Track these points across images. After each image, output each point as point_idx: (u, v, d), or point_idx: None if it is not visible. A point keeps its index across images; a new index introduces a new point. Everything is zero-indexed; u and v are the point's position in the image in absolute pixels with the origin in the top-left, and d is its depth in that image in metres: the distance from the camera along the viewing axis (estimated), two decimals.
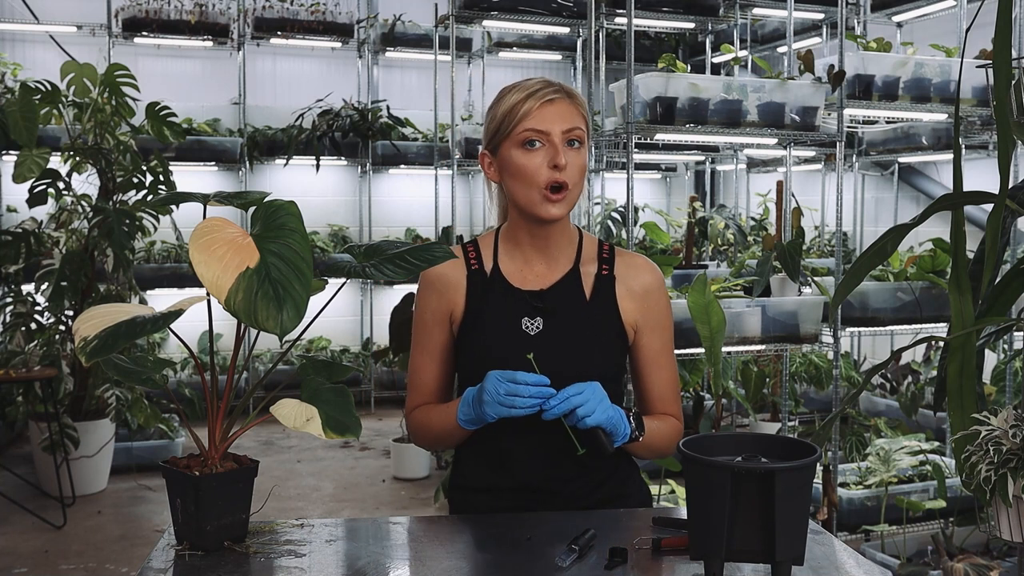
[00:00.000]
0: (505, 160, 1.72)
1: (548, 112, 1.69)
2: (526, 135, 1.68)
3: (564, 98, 1.71)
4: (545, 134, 1.68)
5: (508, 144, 1.71)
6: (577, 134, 1.71)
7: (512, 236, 1.80)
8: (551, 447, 1.72)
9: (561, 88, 1.72)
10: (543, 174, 1.68)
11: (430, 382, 1.82)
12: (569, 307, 1.76)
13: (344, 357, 7.50)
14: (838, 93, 3.89)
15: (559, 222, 1.75)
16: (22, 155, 4.80)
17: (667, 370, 1.84)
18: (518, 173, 1.70)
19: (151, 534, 4.46)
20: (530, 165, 1.69)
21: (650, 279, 1.82)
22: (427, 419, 1.79)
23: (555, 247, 1.78)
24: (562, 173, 1.68)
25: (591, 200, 5.30)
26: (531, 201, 1.70)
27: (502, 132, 1.71)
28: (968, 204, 1.75)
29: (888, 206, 7.00)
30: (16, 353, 4.86)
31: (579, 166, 1.71)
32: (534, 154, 1.69)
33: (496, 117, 1.72)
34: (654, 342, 1.82)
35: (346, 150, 7.33)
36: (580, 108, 1.73)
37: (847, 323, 3.92)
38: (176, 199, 1.61)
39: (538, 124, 1.68)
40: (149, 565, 1.41)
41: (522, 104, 1.69)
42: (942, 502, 3.90)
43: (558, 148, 1.68)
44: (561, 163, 1.67)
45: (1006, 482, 1.51)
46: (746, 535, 1.30)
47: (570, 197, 1.71)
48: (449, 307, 1.79)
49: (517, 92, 1.71)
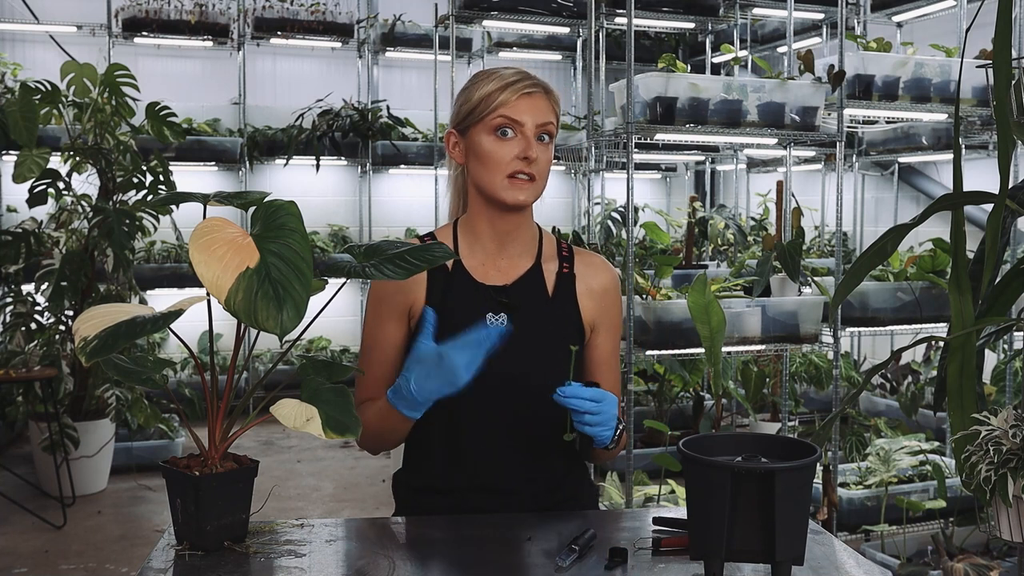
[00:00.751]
0: (474, 144, 1.71)
1: (525, 104, 1.69)
2: (500, 122, 1.69)
3: (541, 93, 1.72)
4: (520, 124, 1.69)
5: (480, 128, 1.70)
6: (549, 129, 1.71)
7: (472, 228, 1.77)
8: (508, 447, 1.70)
9: (539, 83, 1.73)
10: (511, 164, 1.68)
11: (380, 379, 1.75)
12: (532, 303, 1.75)
13: (344, 357, 7.50)
14: (838, 93, 3.89)
15: (521, 214, 1.74)
16: (22, 155, 4.79)
17: (614, 372, 1.84)
18: (486, 159, 1.70)
19: (151, 534, 4.46)
20: (500, 152, 1.69)
21: (608, 279, 1.82)
22: (371, 413, 1.70)
23: (517, 241, 1.77)
24: (531, 166, 1.68)
25: (591, 200, 5.30)
26: (495, 186, 1.69)
27: (475, 116, 1.71)
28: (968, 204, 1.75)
29: (888, 206, 7.00)
30: (16, 353, 4.86)
31: (547, 160, 1.71)
32: (506, 143, 1.69)
33: (471, 100, 1.71)
34: (606, 343, 1.82)
35: (346, 150, 7.33)
36: (554, 104, 1.74)
37: (847, 323, 3.92)
38: (176, 199, 1.61)
39: (514, 114, 1.68)
40: (149, 565, 1.41)
41: (500, 92, 1.69)
42: (942, 502, 3.90)
43: (530, 140, 1.68)
44: (532, 155, 1.67)
45: (1006, 482, 1.51)
46: (746, 535, 1.30)
47: (536, 188, 1.71)
48: (408, 302, 1.74)
49: (496, 79, 1.71)
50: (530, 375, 1.67)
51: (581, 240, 4.87)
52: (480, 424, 1.67)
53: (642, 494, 3.98)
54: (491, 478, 1.72)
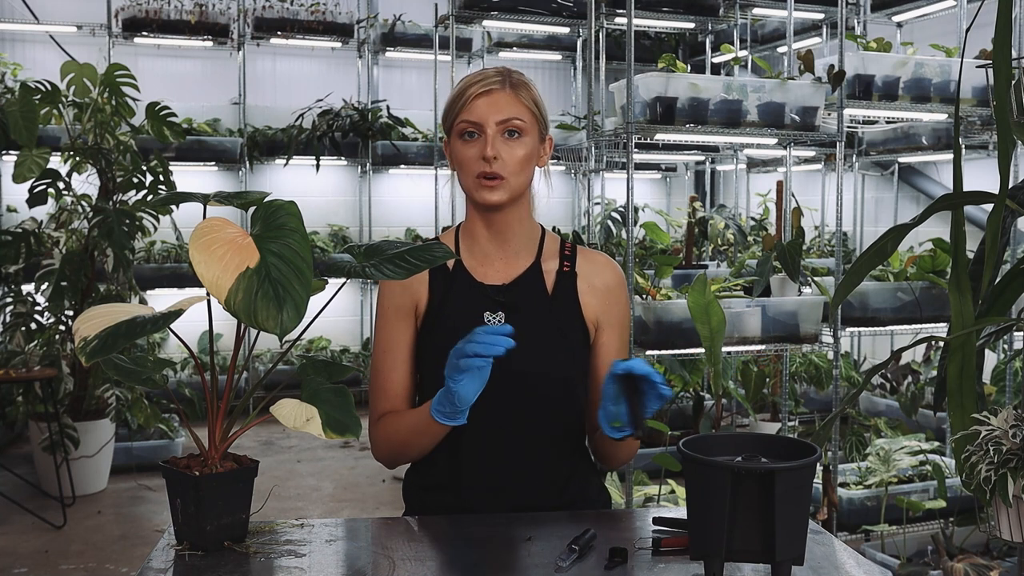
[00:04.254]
0: (451, 149, 1.75)
1: (482, 104, 1.68)
2: (462, 126, 1.70)
3: (502, 88, 1.69)
4: (478, 125, 1.69)
5: (452, 134, 1.73)
6: (515, 124, 1.69)
7: (470, 230, 1.79)
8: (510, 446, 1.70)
9: (503, 78, 1.71)
10: (476, 165, 1.69)
11: (398, 385, 1.76)
12: (531, 302, 1.75)
13: (344, 357, 7.50)
14: (838, 93, 3.89)
15: (512, 213, 1.74)
16: (22, 155, 4.80)
17: None
18: (458, 163, 1.73)
19: (151, 534, 4.46)
20: (466, 155, 1.70)
21: (612, 276, 1.82)
22: (397, 424, 1.72)
23: (514, 241, 1.77)
24: (493, 164, 1.68)
25: (591, 200, 5.30)
26: (469, 188, 1.72)
27: (447, 122, 1.74)
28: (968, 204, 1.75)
29: (888, 206, 7.00)
30: (16, 353, 4.86)
31: (517, 157, 1.69)
32: (470, 145, 1.70)
33: (446, 107, 1.75)
34: (613, 341, 1.80)
35: (346, 150, 7.33)
36: (523, 98, 1.71)
37: (847, 323, 3.92)
38: (176, 199, 1.61)
39: (471, 116, 1.69)
40: (149, 565, 1.41)
41: (461, 95, 1.70)
42: (942, 502, 3.90)
43: (489, 140, 1.67)
44: (489, 154, 1.67)
45: (1006, 482, 1.51)
46: (746, 535, 1.30)
47: (508, 186, 1.70)
48: (413, 301, 1.76)
49: (462, 83, 1.73)
50: (530, 374, 1.68)
51: (581, 240, 4.87)
52: (481, 423, 1.67)
53: (642, 494, 3.98)
54: (495, 477, 1.72)
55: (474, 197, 1.72)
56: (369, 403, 1.81)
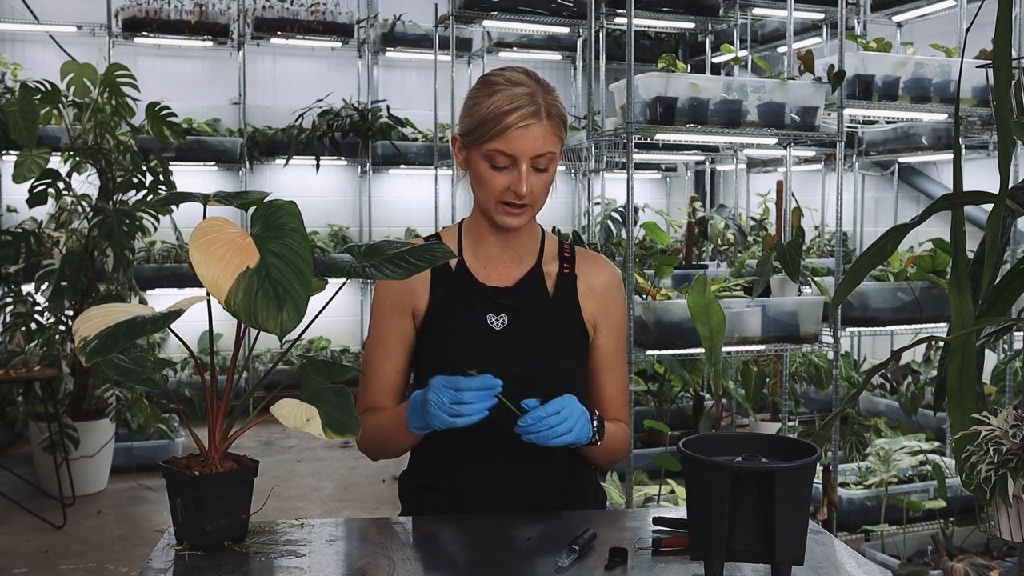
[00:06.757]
0: (472, 162, 1.70)
1: (518, 137, 1.63)
2: (494, 155, 1.65)
3: (540, 122, 1.64)
4: (513, 159, 1.65)
5: (477, 152, 1.67)
6: (547, 159, 1.67)
7: (476, 231, 1.78)
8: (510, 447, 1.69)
9: (540, 110, 1.64)
10: (503, 194, 1.67)
11: (388, 381, 1.77)
12: (533, 304, 1.76)
13: (344, 357, 7.50)
14: (838, 93, 3.89)
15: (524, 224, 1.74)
16: (22, 155, 4.79)
17: (620, 372, 1.83)
18: (480, 182, 1.69)
19: (151, 534, 4.46)
20: (492, 181, 1.67)
21: (610, 278, 1.82)
22: (378, 422, 1.73)
23: (519, 245, 1.78)
24: (521, 197, 1.66)
25: (591, 200, 5.30)
26: (488, 208, 1.70)
27: (473, 137, 1.67)
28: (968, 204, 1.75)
29: (888, 206, 7.00)
30: (16, 353, 4.86)
31: (543, 184, 1.69)
32: (498, 173, 1.66)
33: (472, 117, 1.67)
34: (610, 342, 1.81)
35: (346, 150, 7.33)
36: (556, 128, 1.67)
37: (847, 323, 3.92)
38: (176, 199, 1.61)
39: (506, 147, 1.64)
40: (149, 565, 1.41)
41: (499, 121, 1.63)
42: (942, 502, 3.90)
43: (522, 175, 1.64)
44: (521, 191, 1.65)
45: (1006, 482, 1.51)
46: (746, 535, 1.30)
47: (529, 212, 1.70)
48: (412, 301, 1.76)
49: (498, 101, 1.64)
50: (531, 376, 1.68)
51: (581, 240, 4.87)
52: (479, 424, 1.67)
53: (642, 494, 3.97)
54: (494, 479, 1.73)
55: (493, 217, 1.70)
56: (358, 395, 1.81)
